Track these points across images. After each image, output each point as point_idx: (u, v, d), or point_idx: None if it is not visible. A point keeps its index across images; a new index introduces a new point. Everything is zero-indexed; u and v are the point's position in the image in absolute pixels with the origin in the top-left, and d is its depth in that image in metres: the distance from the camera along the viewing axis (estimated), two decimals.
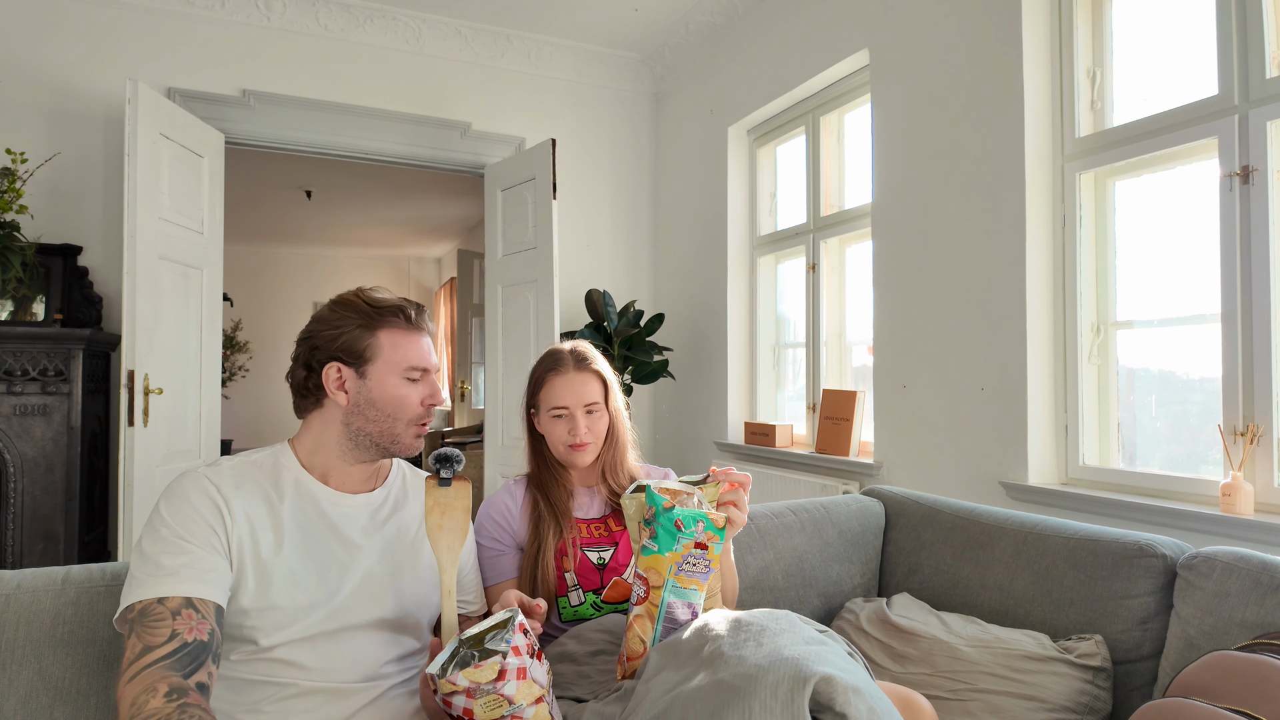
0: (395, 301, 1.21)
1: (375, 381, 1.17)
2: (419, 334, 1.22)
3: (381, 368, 1.18)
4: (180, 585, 1.00)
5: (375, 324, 1.18)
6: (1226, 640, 1.25)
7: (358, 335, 1.17)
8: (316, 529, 1.15)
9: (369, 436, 1.19)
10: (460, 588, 1.31)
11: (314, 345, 1.18)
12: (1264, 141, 1.88)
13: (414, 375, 1.19)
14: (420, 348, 1.21)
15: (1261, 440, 1.88)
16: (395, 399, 1.18)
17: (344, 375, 1.17)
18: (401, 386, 1.18)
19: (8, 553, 2.90)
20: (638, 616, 1.12)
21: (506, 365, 3.91)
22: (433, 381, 1.22)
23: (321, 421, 1.20)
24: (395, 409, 1.18)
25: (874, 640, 1.60)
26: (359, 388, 1.17)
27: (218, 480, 1.10)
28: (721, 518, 1.15)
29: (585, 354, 1.49)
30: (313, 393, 1.19)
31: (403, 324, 1.20)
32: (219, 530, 1.07)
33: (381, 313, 1.19)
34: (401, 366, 1.18)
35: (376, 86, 3.91)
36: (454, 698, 0.95)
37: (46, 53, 3.32)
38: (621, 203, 4.52)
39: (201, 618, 0.99)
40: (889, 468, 2.86)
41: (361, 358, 1.17)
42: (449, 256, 9.11)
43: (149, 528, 1.06)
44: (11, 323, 2.99)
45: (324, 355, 1.17)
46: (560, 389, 1.44)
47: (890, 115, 2.88)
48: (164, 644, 0.96)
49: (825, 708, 0.85)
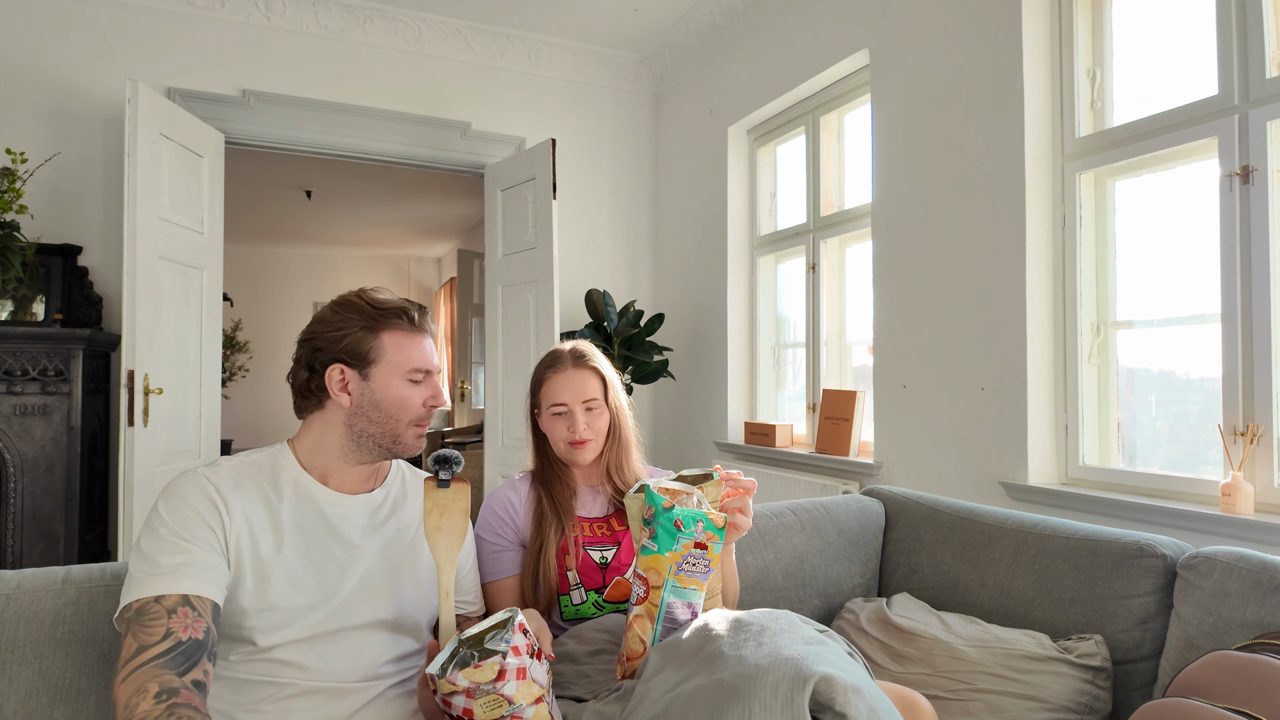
0: (398, 303, 1.21)
1: (379, 383, 1.17)
2: (421, 336, 1.22)
3: (385, 369, 1.18)
4: (177, 583, 1.00)
5: (378, 326, 1.18)
6: (1226, 640, 1.25)
7: (361, 337, 1.18)
8: (315, 529, 1.15)
9: (371, 438, 1.19)
10: (459, 588, 1.31)
11: (317, 347, 1.18)
12: (1264, 141, 1.88)
13: (417, 377, 1.20)
14: (423, 349, 1.21)
15: (1261, 440, 1.88)
16: (398, 400, 1.18)
17: (347, 377, 1.17)
18: (404, 388, 1.19)
19: (8, 553, 2.90)
20: (637, 616, 1.12)
21: (506, 365, 3.91)
22: (435, 383, 1.22)
23: (323, 422, 1.20)
24: (398, 410, 1.18)
25: (874, 640, 1.60)
26: (362, 389, 1.17)
27: (216, 480, 1.10)
28: (721, 518, 1.15)
29: (584, 352, 1.50)
30: (315, 394, 1.19)
31: (406, 326, 1.20)
32: (217, 530, 1.07)
33: (385, 314, 1.19)
34: (405, 368, 1.19)
35: (376, 86, 3.91)
36: (454, 698, 0.95)
37: (46, 53, 3.32)
38: (621, 203, 4.53)
39: (197, 615, 0.99)
40: (889, 468, 2.87)
41: (365, 359, 1.17)
42: (449, 256, 9.11)
43: (147, 527, 1.06)
44: (11, 323, 2.99)
45: (327, 357, 1.17)
46: (559, 386, 1.46)
47: (890, 115, 2.89)
48: (158, 643, 0.96)
49: (825, 707, 0.85)
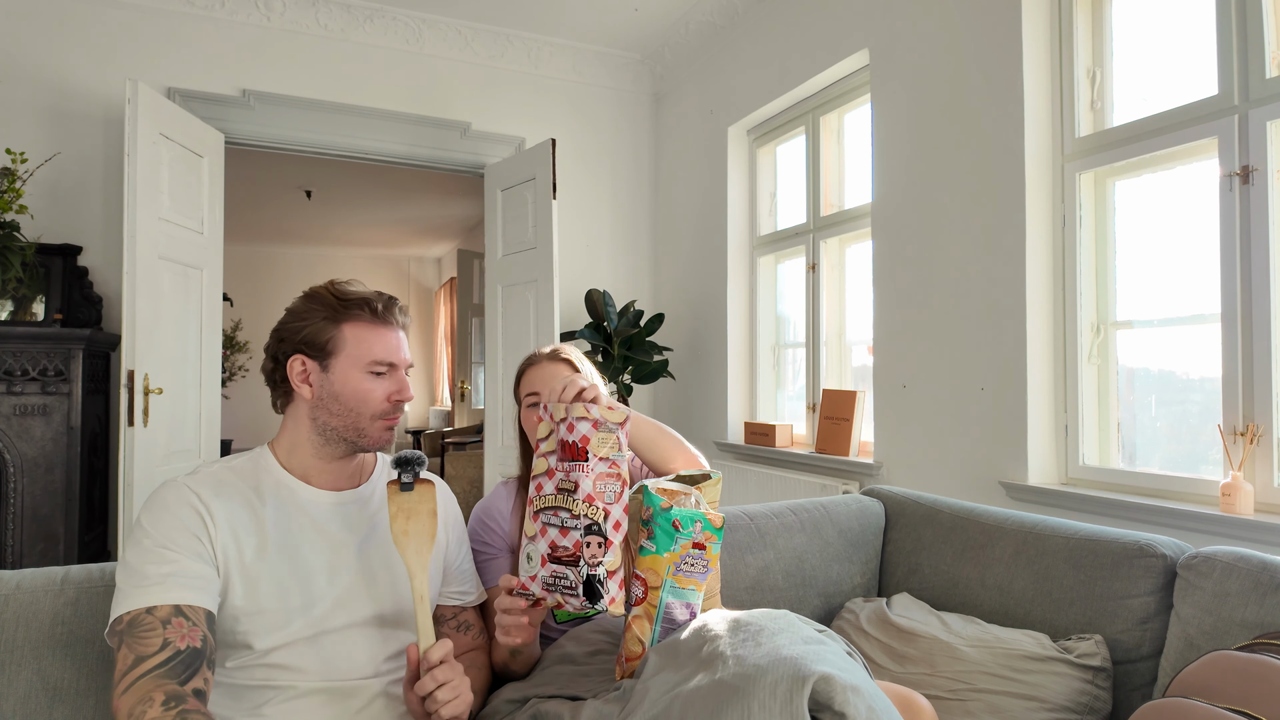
0: (363, 294, 1.19)
1: (338, 375, 1.16)
2: (385, 328, 1.19)
3: (344, 361, 1.16)
4: (167, 594, 1.00)
5: (340, 316, 1.16)
6: (1226, 640, 1.25)
7: (321, 327, 1.16)
8: (301, 530, 1.14)
9: (335, 431, 1.17)
10: (453, 580, 1.31)
11: (281, 337, 1.18)
12: (1264, 141, 1.88)
13: (378, 369, 1.17)
14: (385, 341, 1.18)
15: (1261, 440, 1.88)
16: (358, 393, 1.16)
17: (308, 368, 1.16)
18: (364, 380, 1.16)
19: (7, 553, 2.90)
20: (636, 617, 1.12)
21: (506, 365, 3.91)
22: (400, 376, 1.20)
23: (293, 418, 1.19)
24: (358, 403, 1.16)
25: (874, 640, 1.60)
26: (322, 381, 1.16)
27: (198, 488, 1.09)
28: (720, 518, 1.15)
29: (559, 348, 1.52)
30: (280, 385, 1.19)
31: (368, 317, 1.17)
32: (202, 538, 1.06)
33: (347, 305, 1.17)
34: (364, 360, 1.16)
35: (376, 86, 3.91)
36: (580, 423, 1.11)
37: (46, 53, 3.32)
38: (621, 203, 4.53)
39: (192, 625, 0.99)
40: (889, 468, 2.86)
41: (324, 351, 1.16)
42: (449, 256, 9.12)
43: (131, 540, 1.05)
44: (11, 323, 2.99)
45: (289, 347, 1.16)
46: (533, 376, 1.47)
47: (890, 115, 2.88)
48: (156, 653, 0.95)
49: (824, 707, 0.85)
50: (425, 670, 1.03)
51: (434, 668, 1.03)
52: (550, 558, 1.09)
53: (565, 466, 1.11)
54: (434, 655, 1.03)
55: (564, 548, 1.08)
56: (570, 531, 1.08)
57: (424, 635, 1.06)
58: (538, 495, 1.13)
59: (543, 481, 1.13)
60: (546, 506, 1.11)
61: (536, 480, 1.14)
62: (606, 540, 1.09)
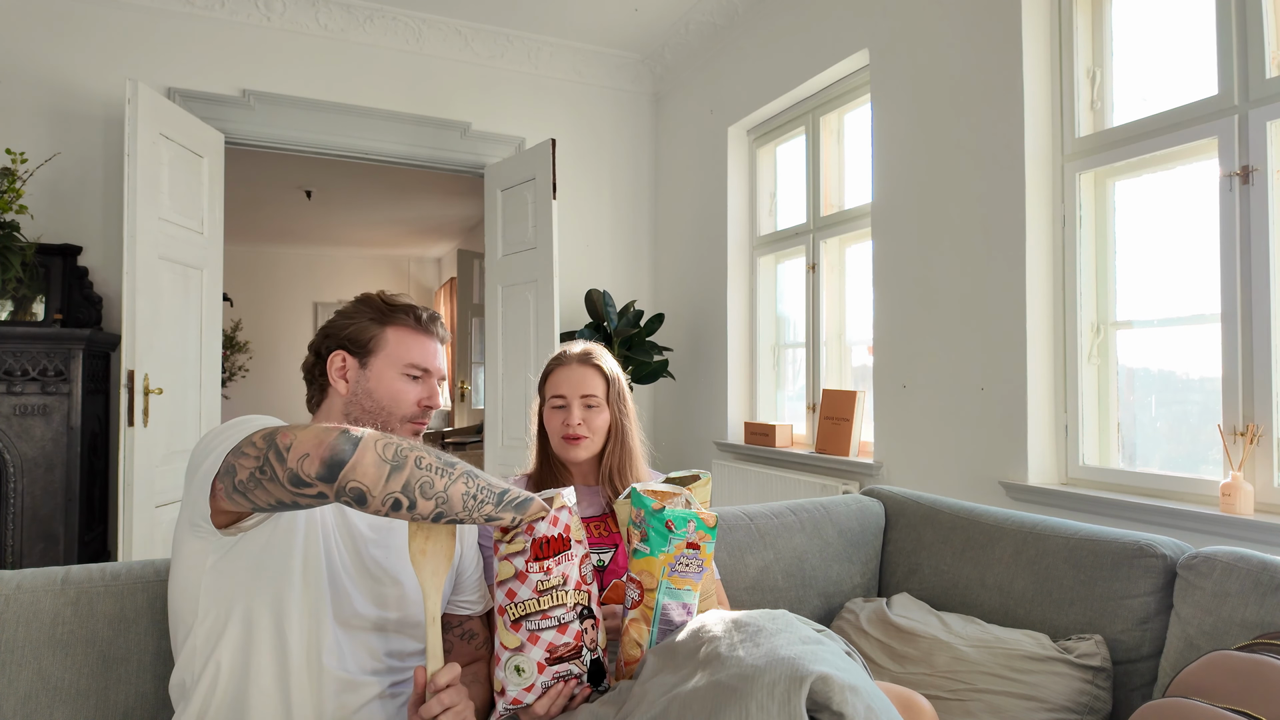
0: (410, 304, 1.26)
1: (375, 373, 1.21)
2: (426, 336, 1.25)
3: (382, 361, 1.21)
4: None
5: (386, 319, 1.23)
6: (1226, 640, 1.25)
7: (366, 327, 1.22)
8: (324, 517, 1.14)
9: None
10: (463, 589, 1.31)
11: (327, 333, 1.24)
12: (1264, 141, 1.88)
13: (414, 373, 1.23)
14: (424, 348, 1.24)
15: (1261, 440, 1.88)
16: (391, 392, 1.21)
17: (347, 364, 1.21)
18: (398, 382, 1.21)
19: (7, 553, 2.90)
20: (633, 620, 1.12)
21: (506, 365, 3.91)
22: (433, 384, 1.25)
23: (325, 415, 1.23)
24: (390, 403, 1.21)
25: (874, 640, 1.60)
26: (359, 377, 1.21)
27: None
28: (713, 517, 1.15)
29: (591, 351, 1.53)
30: (318, 380, 1.23)
31: (412, 323, 1.24)
32: None
33: (394, 310, 1.24)
34: (403, 362, 1.22)
35: (376, 86, 3.91)
36: (561, 513, 1.07)
37: (47, 53, 3.32)
38: (621, 203, 4.52)
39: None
40: (889, 468, 2.86)
41: (366, 348, 1.21)
42: (449, 256, 9.11)
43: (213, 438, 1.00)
44: (11, 323, 2.99)
45: (333, 343, 1.23)
46: (560, 378, 1.49)
47: (890, 115, 2.88)
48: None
49: (822, 706, 0.85)
50: (432, 693, 1.01)
51: (441, 691, 1.02)
52: (550, 660, 1.04)
53: (546, 565, 1.05)
54: (441, 679, 1.01)
55: (565, 644, 1.05)
56: (569, 625, 1.05)
57: (433, 658, 1.03)
58: (512, 603, 1.05)
59: (514, 587, 1.05)
60: (530, 613, 1.05)
61: (506, 587, 1.06)
62: (596, 619, 1.09)
